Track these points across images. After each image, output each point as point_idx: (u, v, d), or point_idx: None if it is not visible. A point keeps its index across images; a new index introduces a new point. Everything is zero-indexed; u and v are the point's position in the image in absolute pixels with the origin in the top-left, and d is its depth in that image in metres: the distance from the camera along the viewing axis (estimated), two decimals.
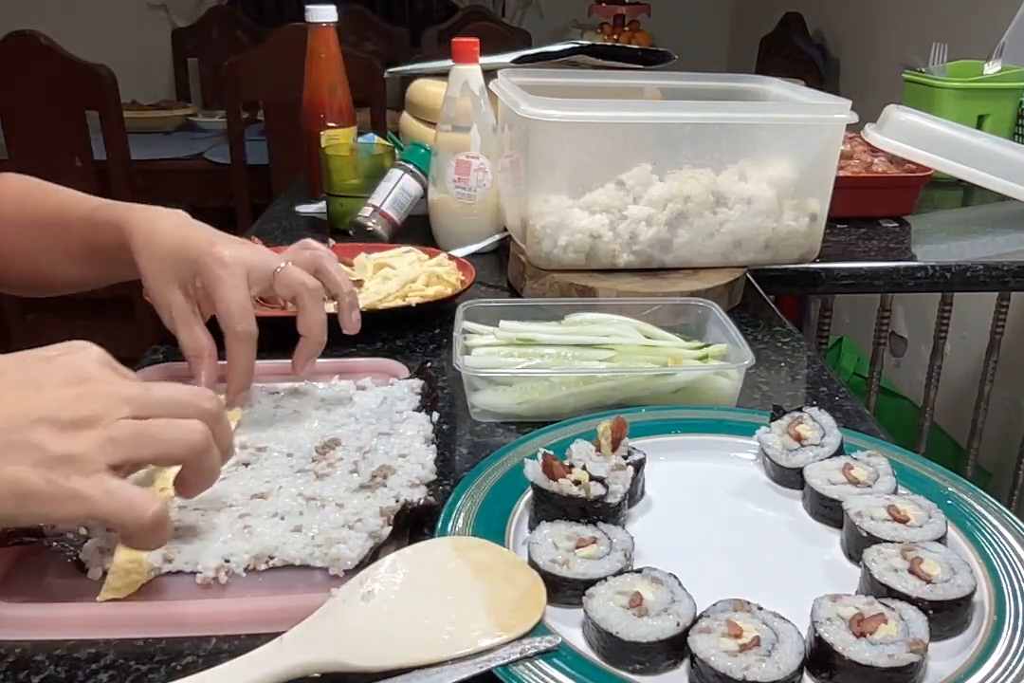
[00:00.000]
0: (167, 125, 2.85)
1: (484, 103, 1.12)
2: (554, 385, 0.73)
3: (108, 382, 0.49)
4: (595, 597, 0.49)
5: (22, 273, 0.80)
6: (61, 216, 0.76)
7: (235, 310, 0.67)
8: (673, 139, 0.97)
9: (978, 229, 1.36)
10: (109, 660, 0.49)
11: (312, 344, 0.71)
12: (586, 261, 0.99)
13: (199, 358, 0.69)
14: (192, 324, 0.69)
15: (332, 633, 0.47)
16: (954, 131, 1.34)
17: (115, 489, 0.46)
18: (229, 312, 0.67)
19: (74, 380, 0.48)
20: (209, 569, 0.53)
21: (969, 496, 0.62)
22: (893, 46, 2.64)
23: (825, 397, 0.81)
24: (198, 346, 0.69)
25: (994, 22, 1.86)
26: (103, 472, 0.46)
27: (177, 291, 0.69)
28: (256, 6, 4.10)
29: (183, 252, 0.69)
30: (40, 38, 2.09)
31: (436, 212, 1.18)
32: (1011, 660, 0.47)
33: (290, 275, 0.71)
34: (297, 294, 0.71)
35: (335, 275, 0.74)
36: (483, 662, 0.46)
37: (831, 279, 1.15)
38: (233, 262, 0.68)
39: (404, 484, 0.61)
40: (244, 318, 0.67)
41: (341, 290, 0.74)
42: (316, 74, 1.37)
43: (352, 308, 0.75)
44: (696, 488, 0.66)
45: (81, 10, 3.71)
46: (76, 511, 0.46)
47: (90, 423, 0.46)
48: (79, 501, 0.45)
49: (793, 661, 0.46)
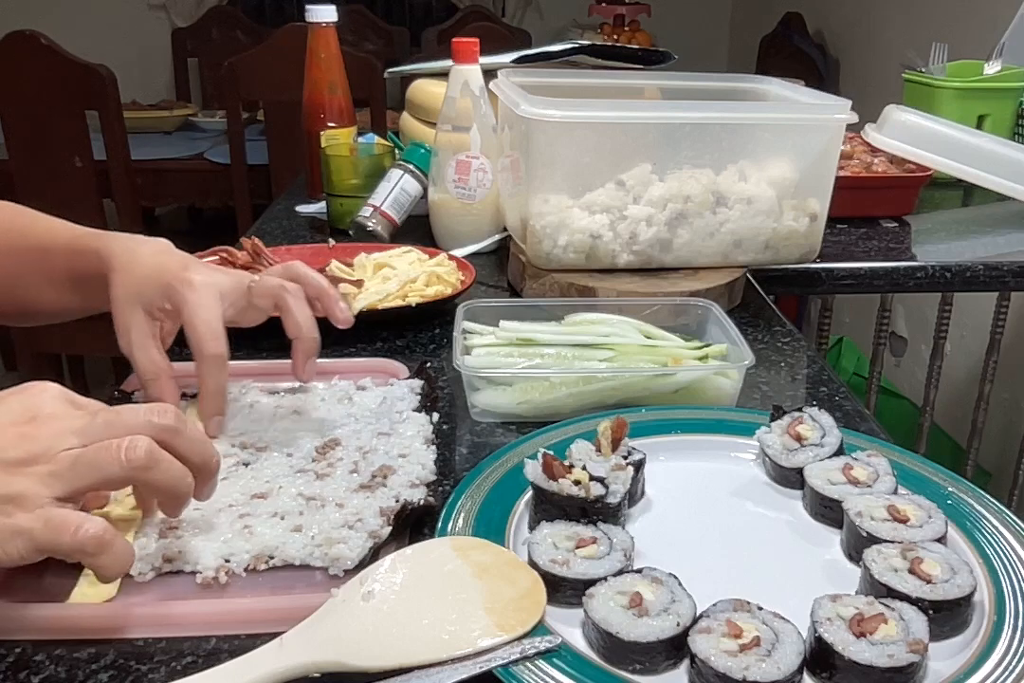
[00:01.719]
0: (167, 125, 2.85)
1: (484, 103, 1.12)
2: (554, 385, 0.73)
3: (57, 417, 0.49)
4: (595, 597, 0.49)
5: (4, 301, 0.79)
6: (44, 243, 0.75)
7: (203, 331, 0.65)
8: (673, 139, 0.97)
9: (978, 229, 1.36)
10: (109, 660, 0.49)
11: (306, 343, 0.70)
12: (586, 261, 0.99)
13: (155, 380, 0.67)
14: (149, 346, 0.67)
15: (332, 633, 0.47)
16: (954, 131, 1.34)
17: (52, 518, 0.46)
18: (197, 333, 0.65)
19: (23, 419, 0.49)
20: (209, 569, 0.53)
21: (969, 496, 0.62)
22: (893, 46, 2.64)
23: (825, 397, 0.81)
24: (155, 369, 0.67)
25: (994, 22, 1.86)
26: (48, 506, 0.46)
27: (140, 313, 0.67)
28: (256, 6, 4.11)
29: (155, 277, 0.68)
30: (40, 38, 2.09)
31: (436, 212, 1.18)
32: (1011, 660, 0.47)
33: (265, 283, 0.71)
34: (277, 297, 0.70)
35: (312, 277, 0.73)
36: (483, 662, 0.46)
37: (831, 279, 1.15)
38: (202, 285, 0.67)
39: (404, 484, 0.61)
40: (212, 339, 0.65)
41: (321, 286, 0.73)
42: (316, 74, 1.37)
43: (337, 300, 0.74)
44: (696, 488, 0.66)
45: (81, 10, 3.71)
46: (21, 547, 0.46)
47: (34, 459, 0.47)
48: (21, 537, 0.46)
49: (793, 661, 0.46)
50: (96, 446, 0.48)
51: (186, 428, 0.51)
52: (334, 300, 0.73)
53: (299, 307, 0.70)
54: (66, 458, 0.47)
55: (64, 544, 0.46)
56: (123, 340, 0.68)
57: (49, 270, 0.75)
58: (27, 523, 0.46)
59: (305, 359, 0.71)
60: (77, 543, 0.46)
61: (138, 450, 0.48)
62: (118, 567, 0.48)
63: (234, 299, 0.70)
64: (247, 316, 0.73)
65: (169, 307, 0.68)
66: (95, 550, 0.47)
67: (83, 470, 0.48)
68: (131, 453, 0.48)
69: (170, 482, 0.50)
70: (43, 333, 2.21)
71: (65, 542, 0.46)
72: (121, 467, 0.48)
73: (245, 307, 0.71)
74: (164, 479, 0.50)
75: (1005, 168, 1.31)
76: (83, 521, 0.47)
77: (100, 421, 0.49)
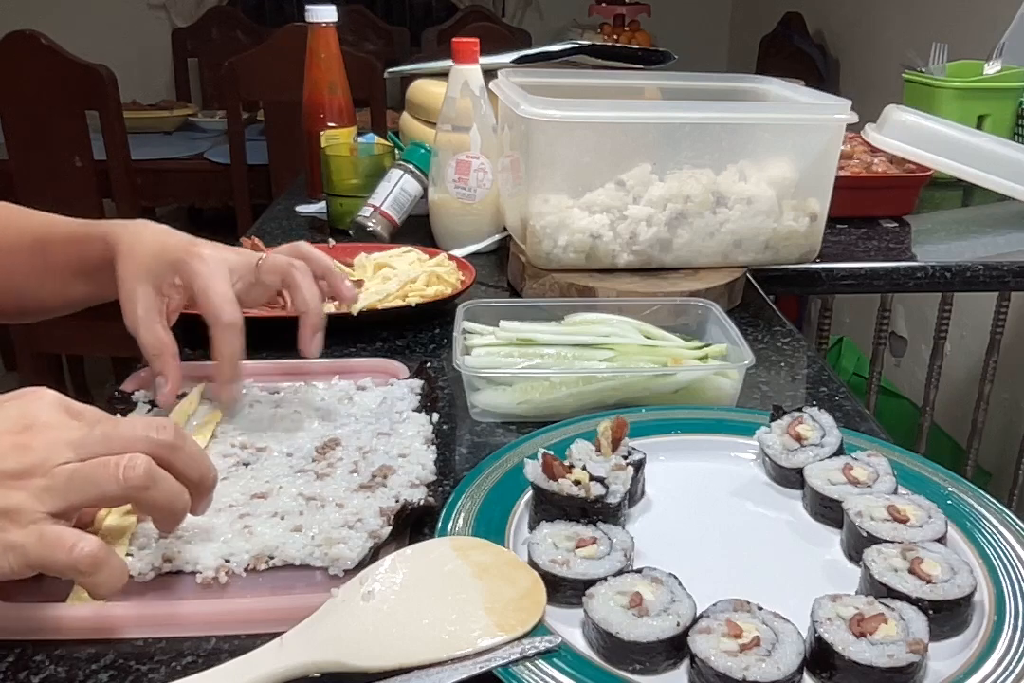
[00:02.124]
0: (167, 125, 2.85)
1: (484, 103, 1.12)
2: (554, 385, 0.73)
3: (53, 427, 0.48)
4: (595, 597, 0.49)
5: (6, 298, 0.79)
6: (43, 237, 0.76)
7: (217, 300, 0.66)
8: (673, 139, 0.97)
9: (978, 229, 1.36)
10: (109, 660, 0.49)
11: (313, 317, 0.71)
12: (586, 261, 0.99)
13: (160, 356, 0.68)
14: (155, 322, 0.68)
15: (332, 633, 0.47)
16: (954, 131, 1.34)
17: (46, 534, 0.45)
18: (211, 303, 0.66)
19: (17, 427, 0.47)
20: (209, 569, 0.53)
21: (969, 496, 0.62)
22: (893, 46, 2.64)
23: (825, 397, 0.81)
24: (159, 344, 0.68)
25: (994, 22, 1.86)
26: (42, 521, 0.46)
27: (148, 289, 0.68)
28: (256, 6, 4.11)
29: (162, 254, 0.68)
30: (40, 38, 2.09)
31: (436, 212, 1.18)
32: (1011, 660, 0.47)
33: (273, 260, 0.71)
34: (285, 273, 0.71)
35: (318, 256, 0.74)
36: (483, 662, 0.46)
37: (831, 279, 1.15)
38: (212, 258, 0.68)
39: (404, 484, 0.61)
40: (228, 306, 0.66)
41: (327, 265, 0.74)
42: (316, 74, 1.37)
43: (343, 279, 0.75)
44: (696, 488, 0.66)
45: (81, 10, 3.71)
46: (13, 563, 0.45)
47: (30, 472, 0.46)
48: (14, 552, 0.45)
49: (793, 661, 0.46)
50: (94, 462, 0.47)
51: (185, 444, 0.50)
52: (340, 278, 0.75)
53: (307, 283, 0.71)
54: (62, 473, 0.46)
55: (58, 562, 0.46)
56: (129, 316, 0.68)
57: (51, 263, 0.75)
58: (20, 538, 0.45)
59: (312, 334, 0.71)
60: (71, 561, 0.45)
61: (136, 469, 0.47)
62: (111, 586, 0.47)
63: (242, 274, 0.71)
64: (254, 293, 0.73)
65: (179, 282, 0.68)
66: (89, 569, 0.46)
67: (79, 486, 0.46)
68: (129, 472, 0.47)
69: (167, 501, 0.49)
70: (43, 333, 2.21)
71: (59, 560, 0.45)
72: (118, 486, 0.47)
73: (252, 283, 0.72)
74: (161, 498, 0.49)
75: (1005, 168, 1.31)
76: (78, 539, 0.46)
77: (98, 434, 0.48)
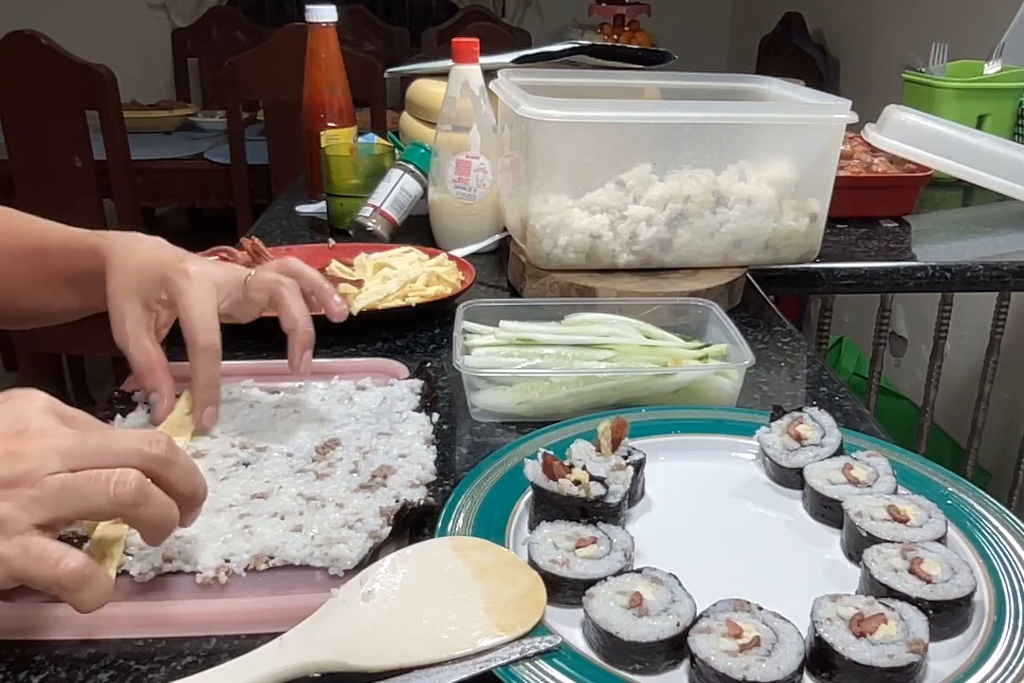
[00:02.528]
0: (167, 125, 2.85)
1: (484, 103, 1.12)
2: (554, 385, 0.73)
3: (45, 434, 0.47)
4: (595, 597, 0.49)
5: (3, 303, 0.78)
6: (39, 245, 0.75)
7: (197, 322, 0.65)
8: (673, 139, 0.97)
9: (978, 229, 1.36)
10: (109, 660, 0.49)
11: (301, 336, 0.70)
12: (586, 261, 0.99)
13: (150, 371, 0.67)
14: (143, 337, 0.67)
15: (332, 633, 0.47)
16: (954, 131, 1.34)
17: (32, 547, 0.44)
18: (191, 324, 0.66)
19: (9, 432, 0.46)
20: (209, 569, 0.53)
21: (969, 496, 0.62)
22: (893, 46, 2.64)
23: (825, 397, 0.81)
24: (149, 360, 0.67)
25: (994, 22, 1.86)
26: (28, 532, 0.44)
27: (136, 305, 0.67)
28: (256, 6, 4.11)
29: (152, 269, 0.68)
30: (40, 38, 2.09)
31: (436, 212, 1.18)
32: (1011, 660, 0.47)
33: (261, 278, 0.71)
34: (273, 291, 0.70)
35: (307, 272, 0.73)
36: (483, 662, 0.46)
37: (831, 279, 1.15)
38: (198, 276, 0.67)
39: (404, 484, 0.61)
40: (206, 331, 0.65)
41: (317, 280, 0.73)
42: (316, 74, 1.37)
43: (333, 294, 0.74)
44: (696, 488, 0.66)
45: (81, 10, 3.71)
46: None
47: (18, 481, 0.45)
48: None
49: (793, 661, 0.45)
50: (85, 475, 0.46)
51: (178, 458, 0.49)
52: (329, 294, 0.74)
53: (294, 301, 0.70)
54: (52, 484, 0.45)
55: (42, 577, 0.44)
56: (118, 332, 0.68)
57: (45, 271, 0.75)
58: (5, 550, 0.44)
59: (301, 352, 0.70)
60: (55, 577, 0.44)
61: (128, 485, 0.46)
62: (95, 603, 0.46)
63: (230, 291, 0.70)
64: (242, 309, 0.73)
65: (165, 298, 0.68)
66: (73, 585, 0.45)
67: (68, 499, 0.45)
68: (120, 488, 0.46)
69: (156, 518, 0.48)
70: (43, 333, 2.20)
71: (43, 575, 0.44)
72: (108, 501, 0.46)
73: (240, 300, 0.71)
74: (151, 515, 0.48)
75: (1005, 168, 1.31)
76: (63, 554, 0.45)
77: (91, 445, 0.47)
